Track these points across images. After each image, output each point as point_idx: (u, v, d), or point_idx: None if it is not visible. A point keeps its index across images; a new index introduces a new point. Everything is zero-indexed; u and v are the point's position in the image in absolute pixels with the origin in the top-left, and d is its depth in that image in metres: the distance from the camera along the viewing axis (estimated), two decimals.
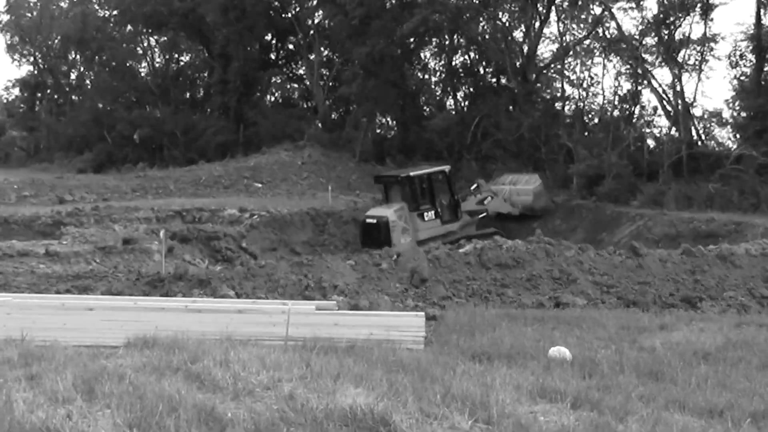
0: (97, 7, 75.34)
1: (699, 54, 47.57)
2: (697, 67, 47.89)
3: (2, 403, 7.64)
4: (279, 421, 7.22)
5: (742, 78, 46.79)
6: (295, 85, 68.64)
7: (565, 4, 51.15)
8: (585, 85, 53.69)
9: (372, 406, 7.47)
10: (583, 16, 51.86)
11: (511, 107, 52.00)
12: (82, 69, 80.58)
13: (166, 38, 69.57)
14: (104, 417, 7.26)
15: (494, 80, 55.87)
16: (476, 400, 8.00)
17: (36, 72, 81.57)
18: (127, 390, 8.14)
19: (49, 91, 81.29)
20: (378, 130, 58.43)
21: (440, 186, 34.97)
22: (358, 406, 7.48)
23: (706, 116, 48.75)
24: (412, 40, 55.59)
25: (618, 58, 50.50)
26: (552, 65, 54.13)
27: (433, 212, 33.22)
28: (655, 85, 47.91)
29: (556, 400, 8.45)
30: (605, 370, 9.80)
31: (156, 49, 72.89)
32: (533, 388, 8.81)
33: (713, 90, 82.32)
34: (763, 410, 8.07)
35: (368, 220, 32.96)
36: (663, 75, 48.05)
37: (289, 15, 63.76)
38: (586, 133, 48.11)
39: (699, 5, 45.79)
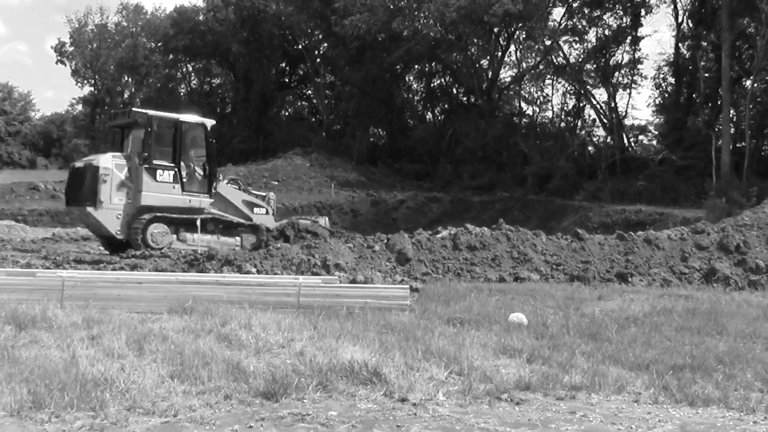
0: (144, 40, 75.30)
1: (629, 76, 47.83)
2: (628, 87, 48.21)
3: (69, 358, 7.62)
4: (292, 372, 7.21)
5: (665, 96, 47.02)
6: (305, 103, 68.69)
7: (522, 37, 51.22)
8: (538, 102, 53.97)
9: (367, 361, 7.46)
10: (536, 47, 51.99)
11: (478, 120, 52.07)
12: (132, 89, 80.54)
13: (200, 65, 69.52)
14: (151, 369, 7.25)
15: (464, 99, 56.02)
16: (451, 356, 8.00)
17: (95, 92, 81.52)
18: (170, 348, 8.12)
19: (106, 107, 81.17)
20: (371, 139, 58.40)
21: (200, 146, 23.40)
22: (356, 360, 7.47)
23: (635, 127, 49.14)
24: (398, 66, 55.63)
25: (564, 80, 50.62)
26: (511, 86, 54.25)
27: (172, 174, 21.63)
28: (594, 102, 48.17)
29: (514, 356, 8.44)
30: (554, 332, 9.80)
31: (192, 74, 72.80)
32: (496, 347, 8.81)
33: (642, 103, 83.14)
34: (681, 364, 8.08)
35: (77, 165, 22.50)
36: (600, 94, 48.01)
37: (299, 46, 63.79)
38: (538, 141, 48.21)
39: (629, 38, 45.98)
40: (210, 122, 23.18)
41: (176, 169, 21.64)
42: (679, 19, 44.64)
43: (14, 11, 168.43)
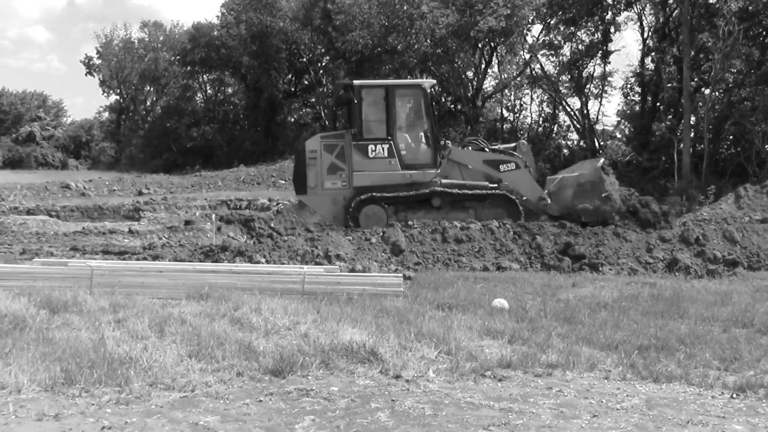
0: (164, 53, 75.28)
1: (600, 86, 47.91)
2: (599, 96, 48.32)
3: (98, 339, 7.63)
4: (297, 352, 7.22)
5: (632, 104, 47.12)
6: (309, 110, 68.53)
7: (504, 51, 51.21)
8: (517, 110, 53.93)
9: (364, 341, 7.47)
10: (516, 60, 51.99)
11: (464, 125, 52.05)
12: (154, 98, 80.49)
13: (215, 75, 69.57)
14: (171, 349, 7.25)
15: (452, 106, 55.89)
16: (440, 337, 8.01)
17: (120, 100, 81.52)
18: (188, 330, 8.13)
19: (130, 114, 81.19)
20: None
21: (415, 114, 19.24)
22: (355, 341, 7.48)
23: (605, 132, 49.27)
24: (392, 77, 55.58)
25: (541, 90, 50.65)
26: (494, 95, 54.20)
27: (386, 147, 18.13)
28: (569, 109, 48.16)
29: (497, 337, 8.46)
30: (533, 316, 9.81)
31: (207, 83, 72.78)
32: (481, 329, 8.81)
33: (611, 110, 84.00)
34: (647, 344, 8.10)
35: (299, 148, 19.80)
36: (574, 102, 48.09)
37: (304, 59, 63.78)
38: None
39: (600, 52, 46.04)
40: (429, 83, 19.76)
41: (390, 143, 18.17)
42: (645, 35, 44.75)
43: (57, 18, 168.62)
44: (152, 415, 5.54)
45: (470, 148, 19.71)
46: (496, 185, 18.89)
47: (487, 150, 19.42)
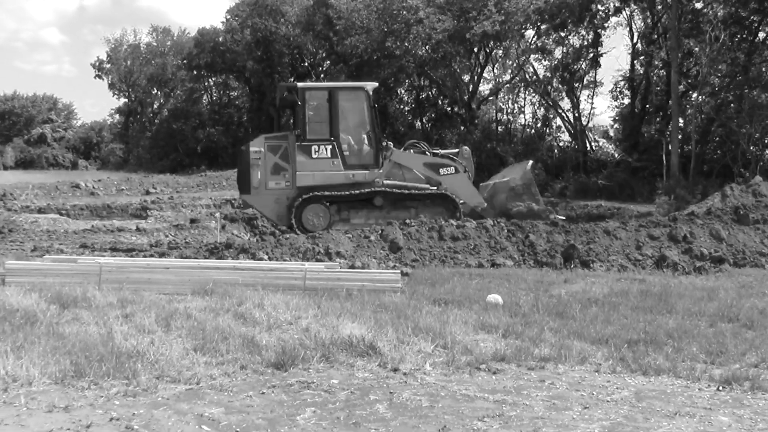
0: (172, 57, 75.24)
1: (591, 88, 47.97)
2: (590, 98, 48.43)
3: (106, 333, 7.63)
4: (299, 346, 7.22)
5: (621, 106, 47.12)
6: None
7: (498, 55, 51.23)
8: (512, 111, 53.92)
9: (364, 336, 7.47)
10: (510, 63, 51.98)
11: (460, 127, 52.04)
12: (161, 101, 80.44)
13: (220, 79, 69.58)
14: (177, 343, 7.25)
15: (449, 109, 55.87)
16: (436, 332, 8.00)
17: (129, 103, 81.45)
18: (193, 324, 8.12)
19: (138, 116, 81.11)
20: None
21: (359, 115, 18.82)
22: (354, 335, 7.48)
23: (596, 133, 49.31)
24: (391, 81, 55.60)
25: (534, 92, 50.65)
26: (489, 98, 54.19)
27: (329, 147, 18.01)
28: (560, 111, 48.20)
29: (491, 331, 8.45)
30: (526, 311, 9.81)
31: (213, 87, 72.79)
32: (476, 323, 8.81)
33: (602, 109, 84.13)
34: (636, 338, 8.10)
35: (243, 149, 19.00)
36: (566, 104, 48.17)
37: (306, 64, 63.83)
38: (512, 145, 48.14)
39: (590, 55, 46.11)
40: (371, 85, 18.94)
41: (333, 144, 18.05)
42: (634, 40, 44.79)
43: (69, 20, 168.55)
44: (159, 407, 5.54)
45: (412, 151, 19.80)
46: (436, 188, 19.04)
47: (428, 154, 19.63)
